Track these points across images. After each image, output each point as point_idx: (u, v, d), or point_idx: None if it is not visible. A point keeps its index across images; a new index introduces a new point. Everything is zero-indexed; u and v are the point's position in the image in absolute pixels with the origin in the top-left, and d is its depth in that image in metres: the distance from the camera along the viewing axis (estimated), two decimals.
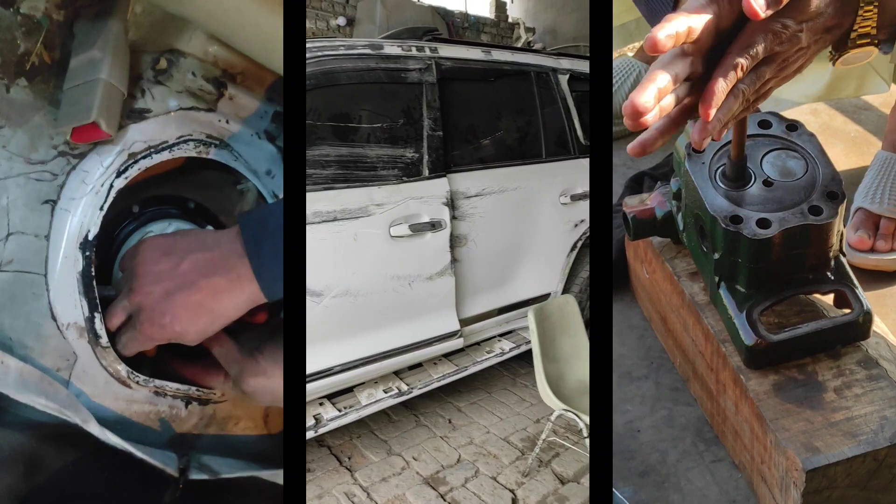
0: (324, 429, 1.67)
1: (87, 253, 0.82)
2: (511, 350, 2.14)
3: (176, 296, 0.78)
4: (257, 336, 0.86)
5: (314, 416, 1.67)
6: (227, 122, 0.93)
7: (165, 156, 0.86)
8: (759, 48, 0.67)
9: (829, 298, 0.93)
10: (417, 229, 1.77)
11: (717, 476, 0.93)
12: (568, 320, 1.96)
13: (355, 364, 1.70)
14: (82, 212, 0.82)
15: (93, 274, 0.83)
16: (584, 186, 2.34)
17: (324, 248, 1.57)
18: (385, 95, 1.79)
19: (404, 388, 1.85)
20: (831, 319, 0.90)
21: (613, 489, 0.91)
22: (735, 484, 0.92)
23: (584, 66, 2.59)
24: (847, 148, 1.30)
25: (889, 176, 1.14)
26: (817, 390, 0.87)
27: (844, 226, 0.92)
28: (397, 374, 1.92)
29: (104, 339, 0.83)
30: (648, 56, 1.41)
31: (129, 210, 0.91)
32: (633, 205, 1.03)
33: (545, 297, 2.16)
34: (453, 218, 1.87)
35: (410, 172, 1.80)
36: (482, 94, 2.11)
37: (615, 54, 1.58)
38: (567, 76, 2.46)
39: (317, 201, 1.57)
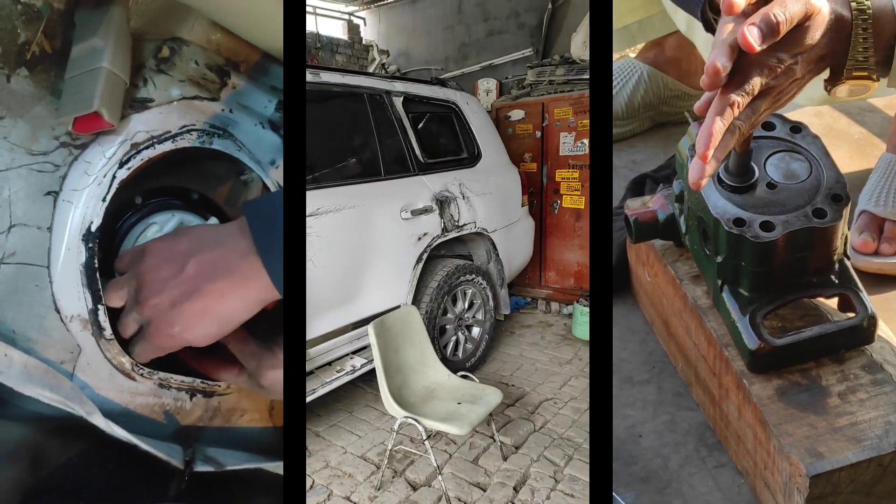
0: None
1: (90, 245, 0.82)
2: (363, 366, 2.19)
3: (182, 305, 0.76)
4: (273, 328, 0.84)
5: None
6: (231, 111, 0.93)
7: (168, 146, 0.86)
8: (755, 84, 0.68)
9: (833, 302, 0.92)
10: None
11: (719, 482, 0.92)
12: (411, 330, 2.04)
13: None
14: (85, 203, 0.82)
15: (96, 266, 0.82)
16: (424, 201, 2.47)
17: None
18: None
19: None
20: (835, 323, 0.89)
21: (615, 495, 0.90)
22: (738, 490, 0.91)
23: (419, 90, 2.76)
24: (851, 150, 1.30)
25: (893, 178, 1.13)
26: (821, 395, 0.86)
27: (848, 229, 0.91)
28: None
29: (108, 332, 0.83)
30: (651, 57, 1.42)
31: (131, 201, 0.90)
32: (635, 207, 1.02)
33: (395, 309, 2.21)
34: None
35: None
36: (313, 115, 2.17)
37: (617, 55, 1.58)
38: (402, 98, 2.60)
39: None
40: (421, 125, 2.76)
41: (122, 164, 0.84)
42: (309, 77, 2.19)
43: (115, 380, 0.85)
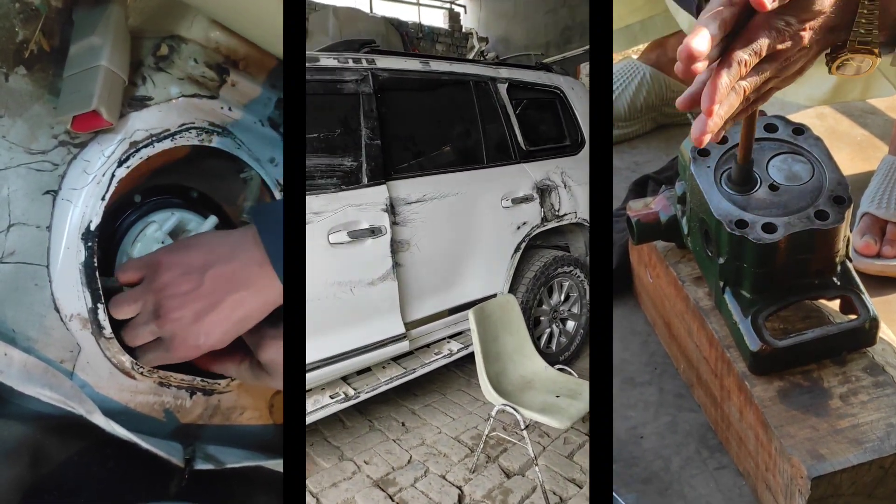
0: None
1: (90, 243, 0.82)
2: (459, 350, 2.20)
3: (206, 317, 0.78)
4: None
5: None
6: (230, 109, 0.93)
7: (167, 144, 0.86)
8: (762, 45, 0.67)
9: (835, 304, 0.92)
10: (356, 236, 1.82)
11: (720, 483, 0.92)
12: (509, 318, 2.02)
13: None
14: (84, 202, 0.81)
15: (95, 265, 0.82)
16: (525, 190, 2.44)
17: None
18: (321, 106, 1.86)
19: (351, 392, 1.88)
20: (837, 325, 0.89)
21: (616, 495, 0.90)
22: (739, 491, 0.91)
23: (523, 75, 2.70)
24: (853, 152, 1.30)
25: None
26: (823, 397, 0.86)
27: (851, 231, 0.91)
28: (345, 379, 1.95)
29: (107, 331, 0.83)
30: (653, 58, 1.41)
31: (130, 200, 0.90)
32: (637, 209, 1.02)
33: (492, 297, 2.21)
34: (394, 224, 1.92)
35: (349, 181, 1.86)
36: (422, 103, 2.18)
37: (619, 56, 1.58)
38: (506, 85, 2.56)
39: None
40: (524, 111, 2.69)
41: (121, 163, 0.83)
42: (418, 66, 2.19)
43: (114, 378, 0.84)
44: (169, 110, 0.87)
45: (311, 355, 1.75)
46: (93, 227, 0.82)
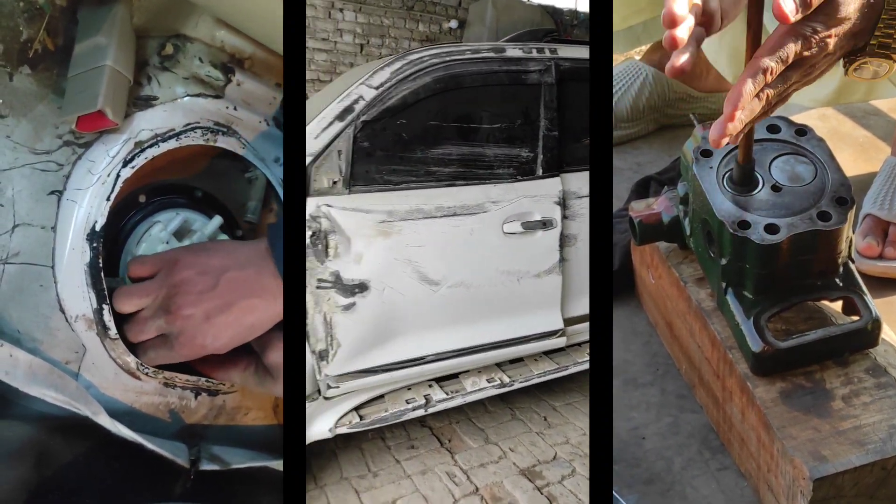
0: (432, 409, 1.74)
1: (95, 244, 0.82)
2: None
3: (216, 318, 0.79)
4: None
5: (424, 396, 1.74)
6: (235, 108, 0.93)
7: (172, 144, 0.86)
8: (789, 52, 0.67)
9: (837, 305, 0.92)
10: (529, 227, 1.81)
11: (722, 484, 0.92)
12: None
13: (464, 352, 1.76)
14: (89, 202, 0.81)
15: (100, 265, 0.82)
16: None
17: (443, 241, 1.66)
18: (505, 97, 1.86)
19: (506, 380, 1.89)
20: (840, 326, 0.89)
21: (617, 496, 0.90)
22: (741, 492, 0.91)
23: None
24: (855, 153, 1.30)
25: None
26: (825, 398, 0.86)
27: (853, 232, 0.91)
28: (499, 366, 1.96)
29: (113, 331, 0.83)
30: (656, 59, 1.41)
31: (135, 200, 0.90)
32: (639, 209, 1.02)
33: None
34: (564, 217, 1.90)
35: (525, 171, 1.85)
36: (583, 92, 2.13)
37: (622, 57, 1.58)
38: None
39: (439, 197, 1.66)
40: None
41: (126, 163, 0.83)
42: (583, 55, 2.14)
43: (120, 379, 0.85)
44: (174, 110, 0.87)
45: (475, 339, 1.76)
46: (98, 228, 0.82)
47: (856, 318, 0.89)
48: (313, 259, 1.44)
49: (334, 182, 1.51)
